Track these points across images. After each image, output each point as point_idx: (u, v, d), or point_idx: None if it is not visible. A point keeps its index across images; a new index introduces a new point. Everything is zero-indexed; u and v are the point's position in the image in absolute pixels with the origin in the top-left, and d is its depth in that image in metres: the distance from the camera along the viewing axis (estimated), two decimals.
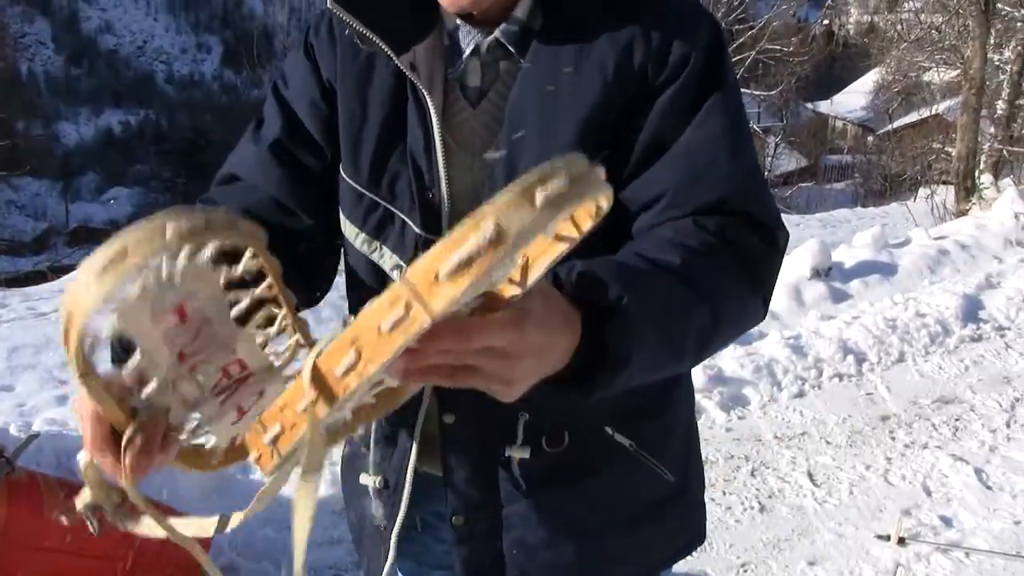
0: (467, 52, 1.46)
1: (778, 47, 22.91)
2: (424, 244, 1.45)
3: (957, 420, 5.45)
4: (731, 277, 1.31)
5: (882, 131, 42.80)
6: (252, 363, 1.09)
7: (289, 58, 1.65)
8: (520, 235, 0.77)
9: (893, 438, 5.24)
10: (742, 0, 22.83)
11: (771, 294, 1.41)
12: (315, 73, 1.58)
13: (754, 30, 20.46)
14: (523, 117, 1.41)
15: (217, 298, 1.03)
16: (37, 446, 3.94)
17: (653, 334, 1.15)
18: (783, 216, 1.45)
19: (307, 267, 1.56)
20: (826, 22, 16.58)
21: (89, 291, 0.85)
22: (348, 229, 1.56)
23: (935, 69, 28.84)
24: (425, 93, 1.45)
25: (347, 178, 1.54)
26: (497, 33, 1.44)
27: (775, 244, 1.41)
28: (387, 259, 1.51)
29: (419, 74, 1.46)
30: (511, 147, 1.41)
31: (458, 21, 1.47)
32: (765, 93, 28.37)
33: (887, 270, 7.76)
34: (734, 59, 22.84)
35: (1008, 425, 5.38)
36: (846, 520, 4.44)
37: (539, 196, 0.78)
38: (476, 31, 1.46)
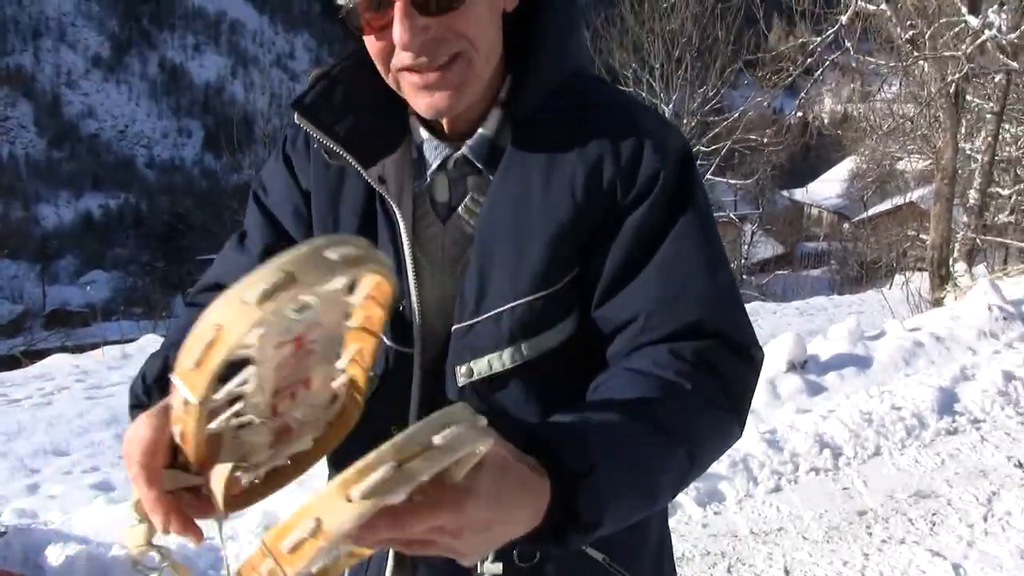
0: (434, 166, 1.46)
1: (753, 137, 23.24)
2: (395, 356, 1.46)
3: (934, 515, 5.42)
4: (709, 408, 1.31)
5: (857, 219, 43.38)
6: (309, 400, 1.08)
7: (267, 168, 1.65)
8: (338, 531, 0.82)
9: (870, 533, 5.20)
10: (717, 91, 23.21)
11: (748, 412, 1.40)
12: (295, 183, 1.58)
13: (729, 121, 20.77)
14: (493, 235, 1.41)
15: (333, 329, 1.02)
16: (5, 542, 3.88)
17: (627, 492, 1.16)
18: (760, 304, 1.46)
19: None
20: (800, 114, 16.82)
21: (249, 314, 0.83)
22: None
23: (908, 158, 29.29)
24: (394, 207, 1.45)
25: None
26: (464, 149, 1.44)
27: (752, 364, 1.41)
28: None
29: (388, 188, 1.46)
30: (480, 266, 1.41)
31: (425, 135, 1.47)
32: (741, 181, 28.72)
33: (863, 363, 7.78)
34: (710, 149, 23.16)
35: (985, 519, 5.34)
36: None
37: (354, 492, 0.81)
38: (443, 145, 1.46)
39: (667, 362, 1.32)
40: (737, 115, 20.52)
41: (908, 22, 13.83)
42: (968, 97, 16.41)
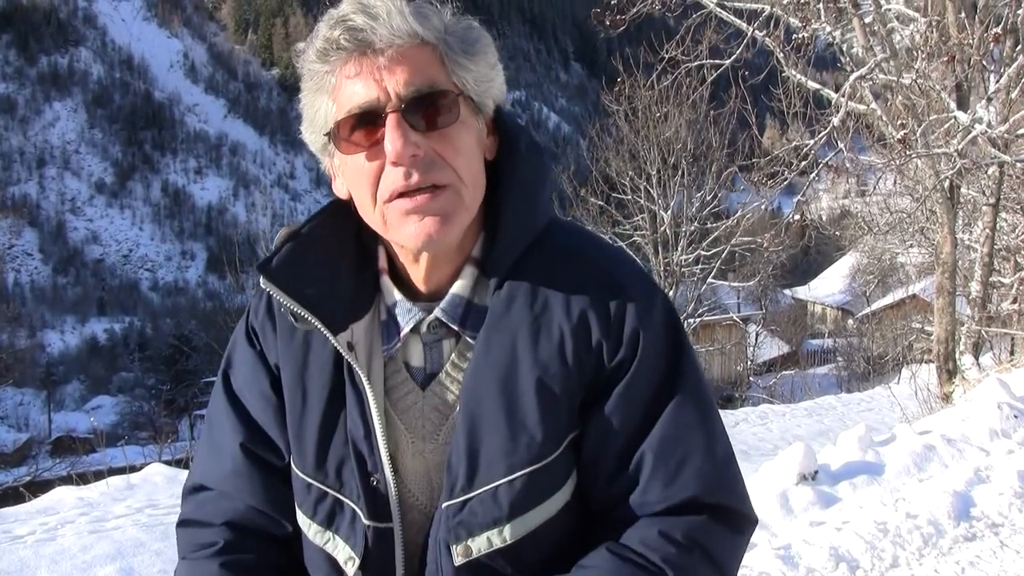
0: (407, 329, 1.43)
1: (753, 239, 23.36)
2: (373, 533, 1.41)
3: None
4: None
5: (861, 314, 43.36)
6: None
7: (236, 346, 1.60)
8: None
9: None
10: (715, 194, 23.41)
11: (737, 572, 1.41)
12: (261, 361, 1.54)
13: (727, 225, 20.92)
14: (481, 404, 1.37)
15: None
16: None
17: None
18: (769, 407, 1.47)
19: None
20: (797, 216, 16.94)
21: None
22: (302, 520, 1.50)
23: (907, 252, 29.40)
24: (362, 376, 1.42)
25: (295, 467, 1.49)
26: (437, 311, 1.41)
27: (741, 532, 1.41)
28: (340, 550, 1.45)
29: (357, 354, 1.42)
30: (469, 437, 1.37)
31: (398, 296, 1.44)
32: (743, 284, 28.81)
33: (874, 469, 7.67)
34: (711, 252, 23.28)
35: None
36: None
37: None
38: (416, 307, 1.43)
39: (655, 543, 1.32)
40: (735, 220, 20.68)
41: (899, 121, 13.97)
42: (963, 190, 16.53)
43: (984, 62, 13.58)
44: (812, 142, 14.71)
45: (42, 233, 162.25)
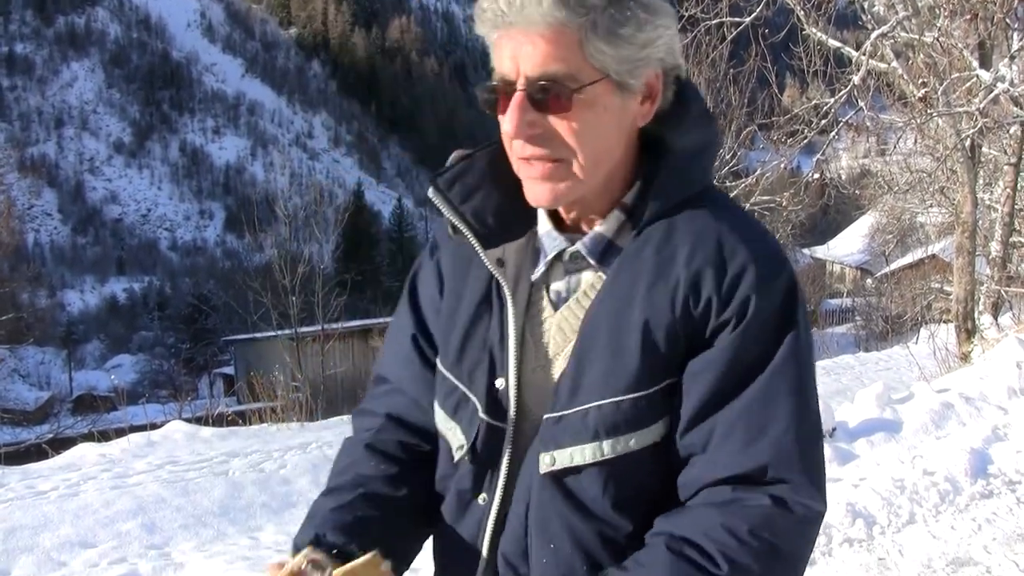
0: (550, 256, 1.54)
1: (772, 198, 23.24)
2: (486, 428, 1.55)
3: None
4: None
5: (880, 273, 43.15)
6: None
7: (423, 253, 1.78)
8: None
9: None
10: (734, 153, 23.27)
11: (805, 567, 1.45)
12: (436, 268, 1.71)
13: (747, 183, 20.79)
14: (595, 331, 1.47)
15: None
16: None
17: None
18: None
19: None
20: (817, 175, 16.83)
21: None
22: (437, 412, 1.66)
23: (927, 212, 29.20)
24: (506, 291, 1.55)
25: (439, 361, 1.66)
26: (578, 244, 1.52)
27: (809, 522, 1.43)
28: (456, 438, 1.60)
29: (505, 271, 1.55)
30: (579, 360, 1.47)
31: (548, 226, 1.56)
32: None
33: (892, 427, 7.68)
34: None
35: None
36: None
37: None
38: (562, 238, 1.54)
39: (718, 537, 1.37)
40: (754, 179, 20.53)
41: (920, 79, 13.85)
42: (984, 149, 16.40)
43: (1007, 20, 13.44)
44: (832, 101, 14.60)
45: (61, 193, 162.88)
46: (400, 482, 1.68)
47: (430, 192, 1.59)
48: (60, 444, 15.57)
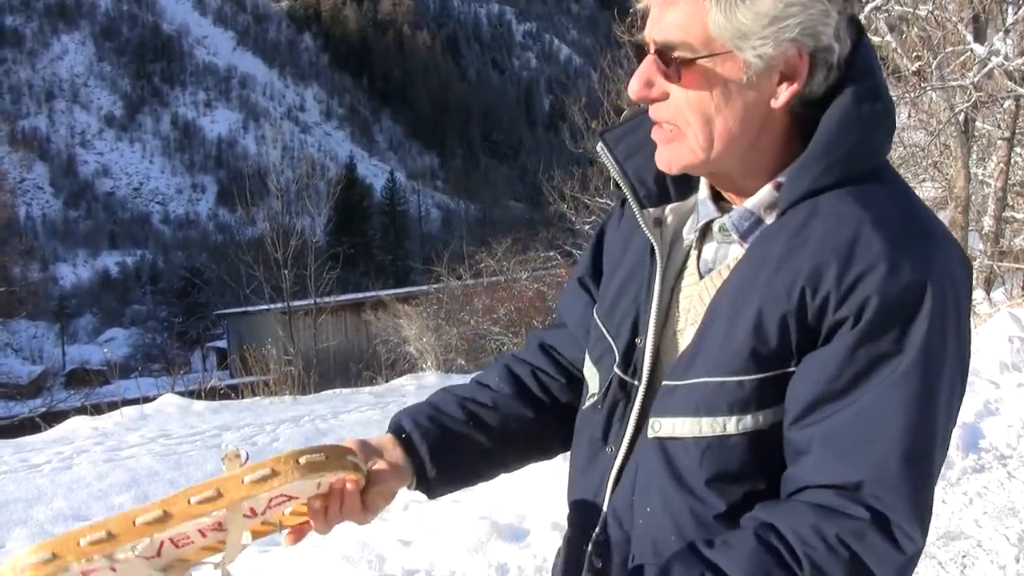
0: (700, 223, 1.54)
1: None
2: (617, 382, 1.59)
3: (964, 557, 5.32)
4: None
5: None
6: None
7: (611, 217, 1.81)
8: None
9: None
10: None
11: None
12: (617, 221, 1.75)
13: None
14: (719, 309, 1.44)
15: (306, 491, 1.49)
16: None
17: None
18: None
19: None
20: None
21: (242, 491, 1.35)
22: (586, 357, 1.70)
23: (920, 186, 29.22)
24: (658, 252, 1.56)
25: (595, 308, 1.70)
26: (725, 217, 1.50)
27: (903, 552, 1.31)
28: (592, 384, 1.66)
29: (662, 232, 1.57)
30: (701, 333, 1.46)
31: (704, 195, 1.55)
32: None
33: None
34: None
35: (1017, 560, 5.24)
36: None
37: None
38: (714, 207, 1.53)
39: (806, 535, 1.30)
40: None
41: (914, 53, 13.82)
42: (978, 123, 16.37)
43: None
44: None
45: (52, 167, 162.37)
46: (503, 408, 1.78)
47: (598, 146, 1.63)
48: (53, 418, 15.57)
